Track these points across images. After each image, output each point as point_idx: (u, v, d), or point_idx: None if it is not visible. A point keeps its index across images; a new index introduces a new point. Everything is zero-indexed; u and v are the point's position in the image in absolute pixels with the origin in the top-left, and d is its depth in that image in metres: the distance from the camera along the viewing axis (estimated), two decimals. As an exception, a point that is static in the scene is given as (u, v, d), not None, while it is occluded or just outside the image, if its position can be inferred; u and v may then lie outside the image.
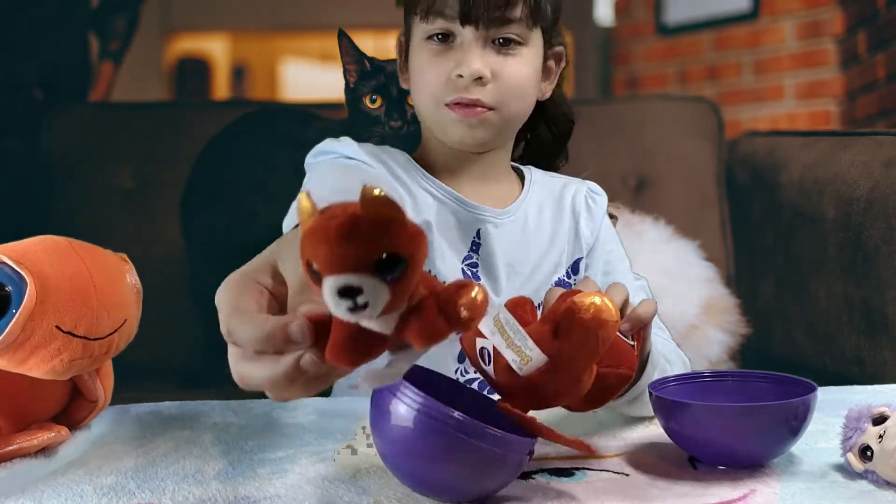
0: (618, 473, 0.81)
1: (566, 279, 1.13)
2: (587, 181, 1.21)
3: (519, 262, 1.11)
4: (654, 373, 0.95)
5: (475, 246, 1.11)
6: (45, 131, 1.94)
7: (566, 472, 0.81)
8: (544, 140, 1.23)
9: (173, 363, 1.82)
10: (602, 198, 1.20)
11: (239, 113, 1.89)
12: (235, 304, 0.60)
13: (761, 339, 1.74)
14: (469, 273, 1.10)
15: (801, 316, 1.64)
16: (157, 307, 1.77)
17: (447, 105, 1.06)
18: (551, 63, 1.14)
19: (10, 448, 0.84)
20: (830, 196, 1.55)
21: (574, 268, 1.14)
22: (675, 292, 1.56)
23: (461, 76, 1.04)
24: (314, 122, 1.81)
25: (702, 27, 3.68)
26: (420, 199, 1.10)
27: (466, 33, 1.05)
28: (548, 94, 1.15)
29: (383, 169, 1.10)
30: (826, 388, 0.95)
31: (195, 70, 7.64)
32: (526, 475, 0.80)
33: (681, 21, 3.74)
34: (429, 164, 1.15)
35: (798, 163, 1.68)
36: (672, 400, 0.83)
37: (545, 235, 1.14)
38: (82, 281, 0.81)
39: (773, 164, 1.76)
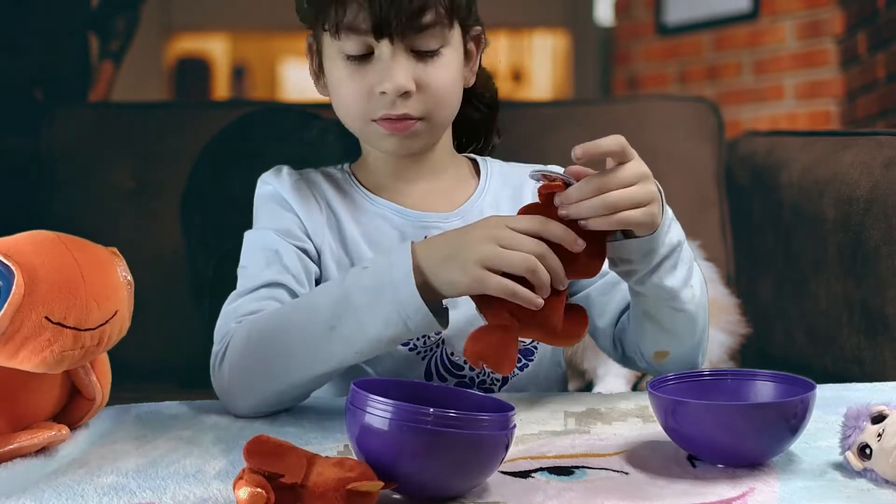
0: (617, 472, 0.81)
1: None
2: (549, 166, 1.19)
3: None
4: (673, 228, 0.98)
5: None
6: (45, 131, 1.94)
7: (565, 471, 0.81)
8: (473, 119, 1.20)
9: (173, 363, 1.82)
10: None
11: (239, 113, 1.89)
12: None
13: (761, 339, 1.74)
14: None
15: (801, 316, 1.64)
16: (158, 307, 1.78)
17: (374, 121, 1.05)
18: (471, 47, 1.11)
19: (11, 447, 0.84)
20: (830, 196, 1.55)
21: None
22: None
23: (384, 93, 1.02)
24: (314, 122, 1.81)
25: (702, 27, 3.68)
26: (363, 221, 1.11)
27: (383, 46, 1.02)
28: (472, 81, 1.13)
29: (306, 207, 1.10)
30: (825, 385, 0.95)
31: (195, 70, 7.63)
32: (525, 474, 0.80)
33: (681, 21, 3.74)
34: (370, 175, 1.15)
35: (798, 163, 1.68)
36: (671, 398, 0.83)
37: None
38: (70, 272, 0.81)
39: (773, 164, 1.76)
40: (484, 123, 1.21)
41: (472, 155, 1.20)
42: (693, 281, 1.03)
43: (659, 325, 1.04)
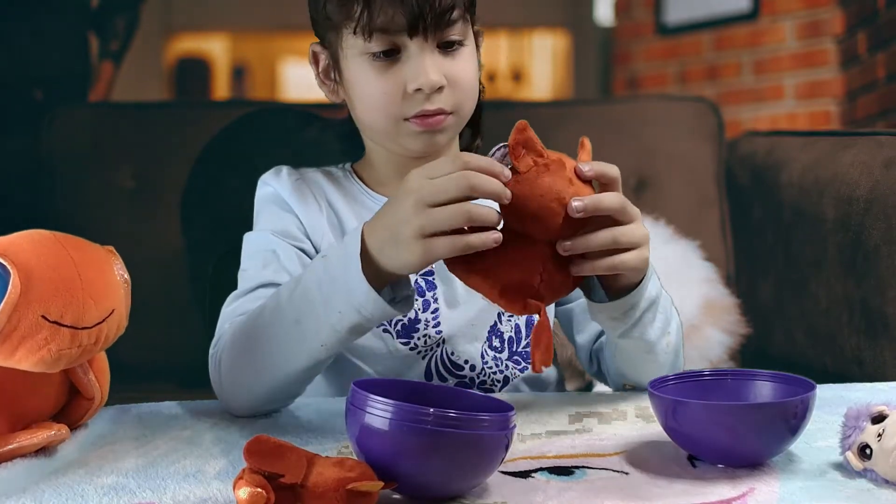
0: (617, 472, 0.81)
1: None
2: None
3: None
4: (652, 280, 0.97)
5: None
6: (45, 131, 1.94)
7: (566, 471, 0.81)
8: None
9: (173, 363, 1.82)
10: None
11: (239, 113, 1.89)
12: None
13: (761, 339, 1.74)
14: (423, 283, 1.09)
15: (801, 316, 1.64)
16: (158, 307, 1.78)
17: (406, 120, 1.04)
18: (478, 42, 1.12)
19: (11, 447, 0.84)
20: (830, 196, 1.55)
21: None
22: (674, 292, 1.56)
23: (420, 89, 1.01)
24: (314, 122, 1.81)
25: (702, 27, 3.68)
26: (365, 219, 1.09)
27: (413, 44, 1.02)
28: (479, 76, 1.13)
29: (305, 207, 1.10)
30: (825, 385, 0.95)
31: (195, 70, 7.64)
32: (525, 474, 0.80)
33: (681, 21, 3.74)
34: (374, 174, 1.14)
35: (798, 163, 1.68)
36: (671, 399, 0.83)
37: None
38: (67, 270, 0.81)
39: (773, 164, 1.77)
40: (473, 123, 1.19)
41: None
42: (671, 328, 1.03)
43: (631, 367, 1.06)
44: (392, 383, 0.83)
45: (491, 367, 1.10)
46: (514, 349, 1.12)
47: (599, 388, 1.54)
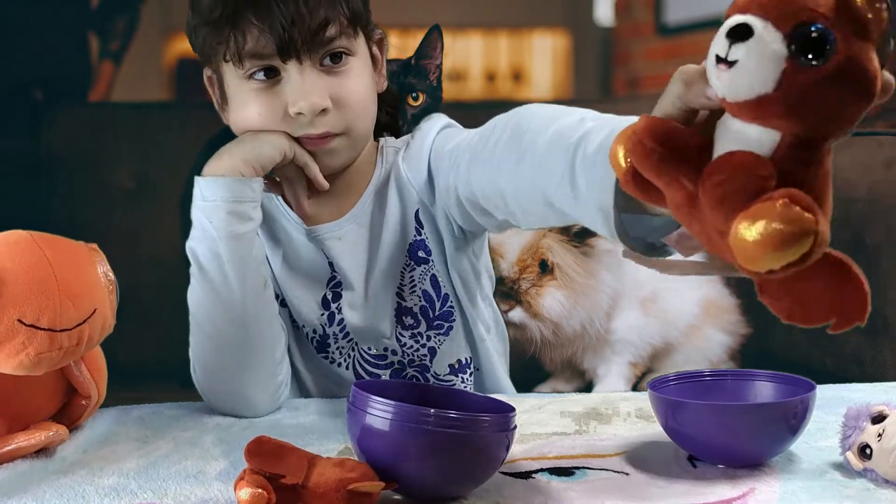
0: (618, 472, 0.81)
1: (422, 238, 1.08)
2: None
3: (372, 262, 1.07)
4: None
5: (332, 265, 1.08)
6: (45, 131, 1.94)
7: (566, 472, 0.81)
8: (382, 123, 1.13)
9: (174, 363, 1.80)
10: (420, 127, 1.10)
11: (239, 113, 1.89)
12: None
13: (761, 339, 1.74)
14: (331, 294, 1.08)
15: (801, 315, 1.64)
16: (158, 307, 1.78)
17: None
18: (376, 51, 1.07)
19: (10, 448, 0.84)
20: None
21: (430, 222, 1.07)
22: (675, 292, 1.56)
23: (301, 113, 0.98)
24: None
25: (702, 27, 3.68)
26: (283, 240, 1.09)
27: (291, 67, 0.97)
28: (384, 85, 1.09)
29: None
30: (825, 385, 0.95)
31: (195, 70, 7.62)
32: (526, 474, 0.80)
33: (681, 21, 3.74)
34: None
35: (798, 162, 1.68)
36: (672, 399, 0.83)
37: (392, 215, 1.08)
38: (42, 272, 0.81)
39: (773, 164, 1.77)
40: (390, 126, 1.15)
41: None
42: None
43: None
44: (393, 384, 0.83)
45: (412, 347, 1.10)
46: (430, 317, 1.10)
47: (599, 387, 1.54)
